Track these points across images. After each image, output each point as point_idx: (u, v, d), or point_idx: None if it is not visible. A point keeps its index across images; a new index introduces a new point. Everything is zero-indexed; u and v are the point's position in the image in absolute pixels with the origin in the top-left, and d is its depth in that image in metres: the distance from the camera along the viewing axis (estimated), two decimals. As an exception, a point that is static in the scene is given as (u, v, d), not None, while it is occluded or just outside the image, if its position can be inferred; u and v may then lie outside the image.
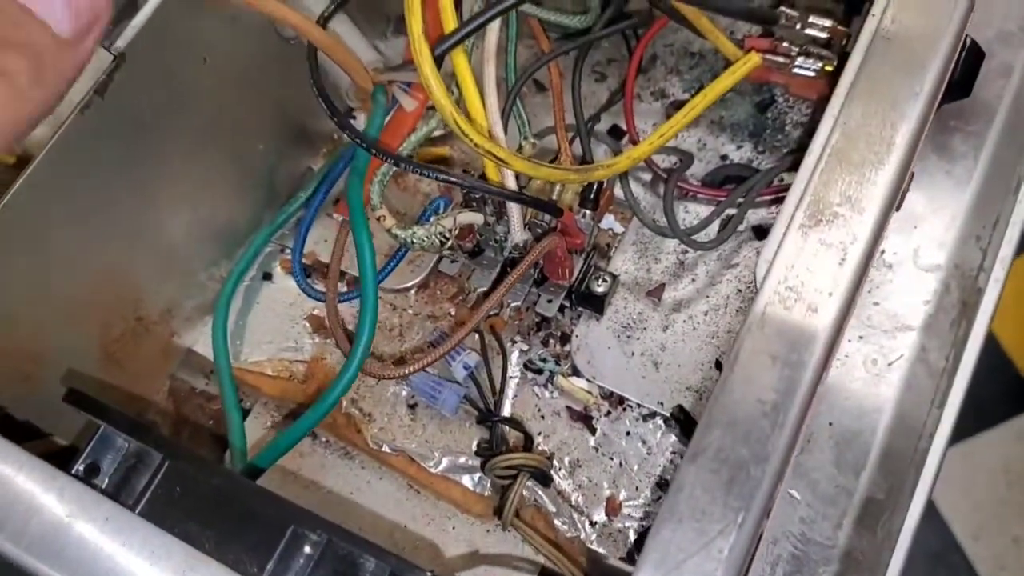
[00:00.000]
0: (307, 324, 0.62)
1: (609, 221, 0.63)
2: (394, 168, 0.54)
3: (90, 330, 0.55)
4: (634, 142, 0.61)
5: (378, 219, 0.54)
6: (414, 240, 0.54)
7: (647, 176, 0.63)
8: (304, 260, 0.63)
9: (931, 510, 1.44)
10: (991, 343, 1.49)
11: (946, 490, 1.44)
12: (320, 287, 0.60)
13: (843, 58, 0.57)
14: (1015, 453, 1.47)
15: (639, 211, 0.59)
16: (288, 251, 0.64)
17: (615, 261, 0.61)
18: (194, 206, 0.59)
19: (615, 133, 0.65)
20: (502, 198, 0.54)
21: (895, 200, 0.41)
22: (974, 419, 1.50)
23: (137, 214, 0.55)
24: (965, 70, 0.55)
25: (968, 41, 0.55)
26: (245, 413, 0.61)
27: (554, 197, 0.58)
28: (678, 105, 0.65)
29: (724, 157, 0.64)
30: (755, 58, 0.58)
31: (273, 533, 0.39)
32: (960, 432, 1.54)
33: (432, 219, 0.55)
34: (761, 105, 0.65)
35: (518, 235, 0.55)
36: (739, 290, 0.59)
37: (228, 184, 0.61)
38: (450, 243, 0.55)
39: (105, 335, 0.56)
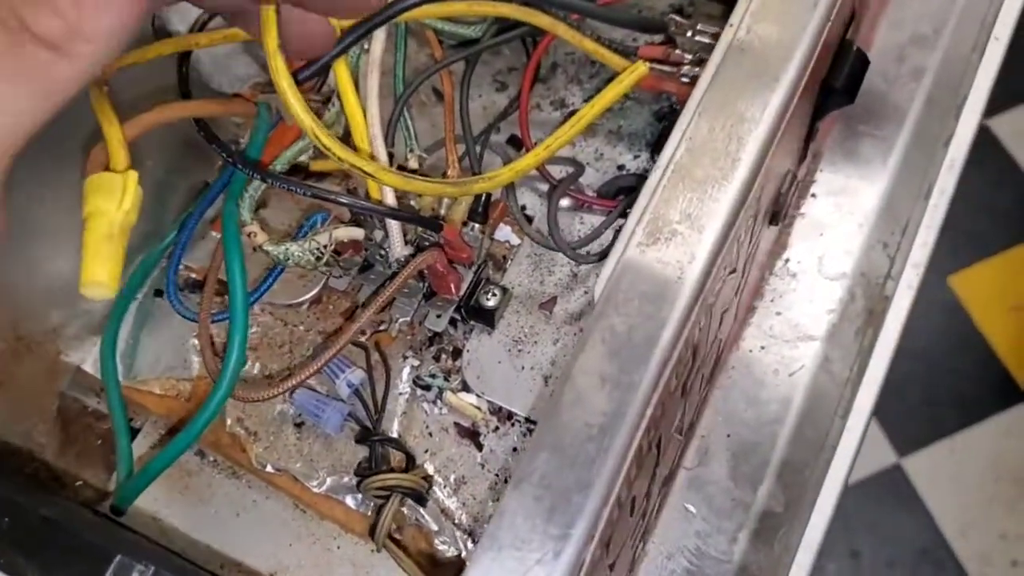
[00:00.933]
0: (195, 342, 0.61)
1: (505, 232, 0.62)
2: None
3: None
4: (526, 145, 0.60)
5: (248, 235, 0.53)
6: (288, 257, 0.53)
7: (545, 186, 0.62)
8: (195, 275, 0.63)
9: (918, 506, 1.43)
10: (977, 338, 1.49)
11: (933, 486, 1.44)
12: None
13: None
14: (1003, 449, 1.47)
15: (524, 224, 0.58)
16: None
17: (510, 273, 0.60)
18: (75, 227, 0.58)
19: (514, 143, 0.65)
20: (377, 215, 0.53)
21: (736, 217, 0.40)
22: (961, 415, 1.49)
23: (15, 237, 0.54)
24: (849, 77, 0.54)
25: (853, 48, 0.55)
26: (135, 432, 0.61)
27: (443, 211, 0.57)
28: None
29: (621, 167, 0.63)
30: (642, 68, 0.57)
31: (100, 563, 0.38)
32: (947, 428, 1.55)
33: (308, 235, 0.54)
34: (659, 114, 0.64)
35: (399, 251, 0.55)
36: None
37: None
38: (326, 259, 0.54)
39: (-21, 358, 0.55)
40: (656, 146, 0.63)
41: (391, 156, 0.57)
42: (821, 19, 0.44)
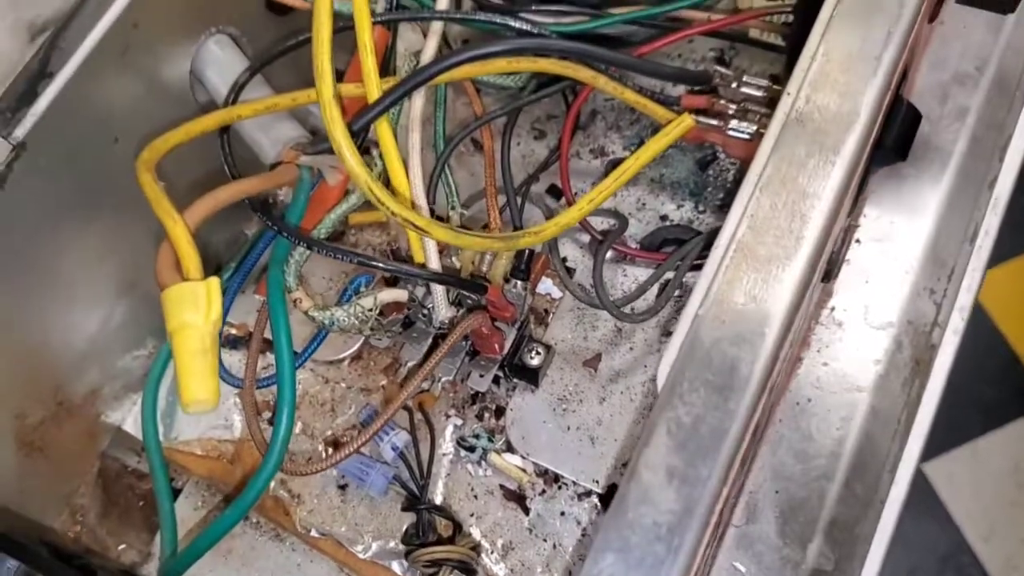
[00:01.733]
0: (237, 401, 0.61)
1: (547, 285, 0.61)
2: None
3: (2, 423, 0.53)
4: (571, 204, 0.59)
5: (294, 302, 0.52)
6: (333, 322, 0.52)
7: (586, 237, 0.62)
8: (235, 332, 0.62)
9: (941, 512, 1.42)
10: (999, 342, 1.47)
11: (955, 492, 1.43)
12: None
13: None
14: (1025, 453, 1.45)
15: (567, 280, 0.57)
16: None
17: (552, 328, 0.59)
18: (115, 289, 0.57)
19: (554, 192, 0.64)
20: (420, 279, 0.52)
21: (803, 297, 0.39)
22: (982, 420, 1.48)
23: (51, 302, 0.53)
24: (900, 134, 0.53)
25: (904, 103, 0.54)
26: (176, 492, 0.60)
27: (484, 268, 0.57)
28: (617, 163, 0.63)
29: (664, 217, 0.62)
30: (688, 120, 0.56)
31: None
32: (969, 433, 1.53)
33: (352, 299, 0.53)
34: (702, 162, 0.63)
35: (443, 313, 0.54)
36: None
37: (151, 260, 0.59)
38: (371, 323, 0.53)
39: (21, 425, 0.54)
40: (699, 196, 0.62)
41: (432, 213, 0.56)
42: (881, 87, 0.43)
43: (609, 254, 0.61)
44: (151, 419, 0.57)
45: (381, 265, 0.50)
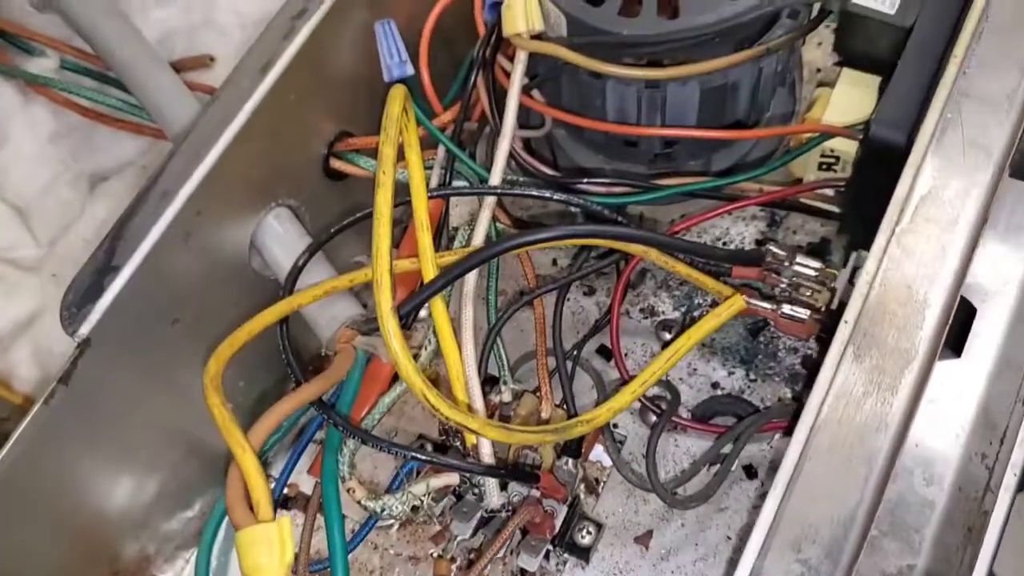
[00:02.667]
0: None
1: (598, 452, 0.61)
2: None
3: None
4: (621, 369, 0.60)
5: (348, 491, 0.52)
6: (385, 510, 0.53)
7: (635, 403, 0.62)
8: (285, 491, 0.63)
9: None
10: None
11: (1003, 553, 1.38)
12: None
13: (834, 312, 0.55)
14: None
15: (619, 464, 0.57)
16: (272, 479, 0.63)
17: (603, 500, 0.59)
18: (171, 456, 0.58)
19: (603, 353, 0.64)
20: (475, 474, 0.52)
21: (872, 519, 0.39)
22: None
23: (112, 482, 0.54)
24: (954, 331, 0.52)
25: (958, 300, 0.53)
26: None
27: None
28: (666, 325, 0.63)
29: (715, 385, 0.62)
30: (739, 303, 0.56)
31: None
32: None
33: (403, 485, 0.53)
34: (753, 329, 0.63)
35: (495, 501, 0.54)
36: (728, 537, 0.57)
37: (208, 426, 0.60)
38: (425, 510, 0.53)
39: (78, 596, 0.55)
40: (750, 364, 0.62)
41: (485, 388, 0.57)
42: (938, 323, 0.43)
43: (654, 419, 0.61)
44: (204, 580, 0.58)
45: (434, 460, 0.50)
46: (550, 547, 0.57)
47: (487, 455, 0.53)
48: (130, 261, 0.51)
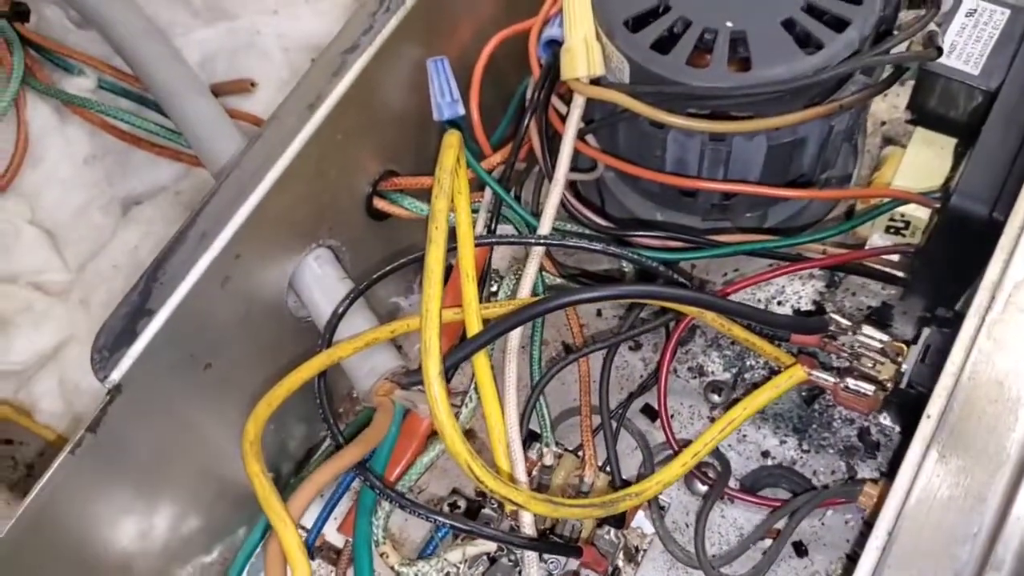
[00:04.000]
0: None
1: (639, 518, 0.58)
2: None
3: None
4: (666, 435, 0.57)
5: (381, 555, 0.50)
6: (419, 576, 0.50)
7: (681, 467, 0.59)
8: (317, 543, 0.60)
9: None
10: None
11: None
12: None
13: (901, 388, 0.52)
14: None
15: (666, 539, 0.54)
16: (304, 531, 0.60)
17: (643, 569, 0.56)
18: (197, 501, 0.55)
19: (648, 413, 0.61)
20: (516, 547, 0.50)
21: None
22: None
23: (135, 530, 0.51)
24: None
25: None
26: None
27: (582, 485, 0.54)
28: (716, 387, 0.61)
29: (765, 454, 0.59)
30: (799, 373, 0.53)
31: None
32: None
33: (438, 550, 0.51)
34: (808, 397, 0.60)
35: (533, 574, 0.51)
36: (776, 619, 0.54)
37: (232, 468, 0.58)
38: (460, 578, 0.51)
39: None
40: (803, 433, 0.59)
41: (525, 443, 0.54)
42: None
43: (701, 487, 0.58)
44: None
45: (474, 530, 0.48)
46: (587, 618, 0.55)
47: (528, 525, 0.50)
48: (165, 305, 0.49)
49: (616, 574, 0.55)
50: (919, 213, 0.56)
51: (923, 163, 0.57)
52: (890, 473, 0.54)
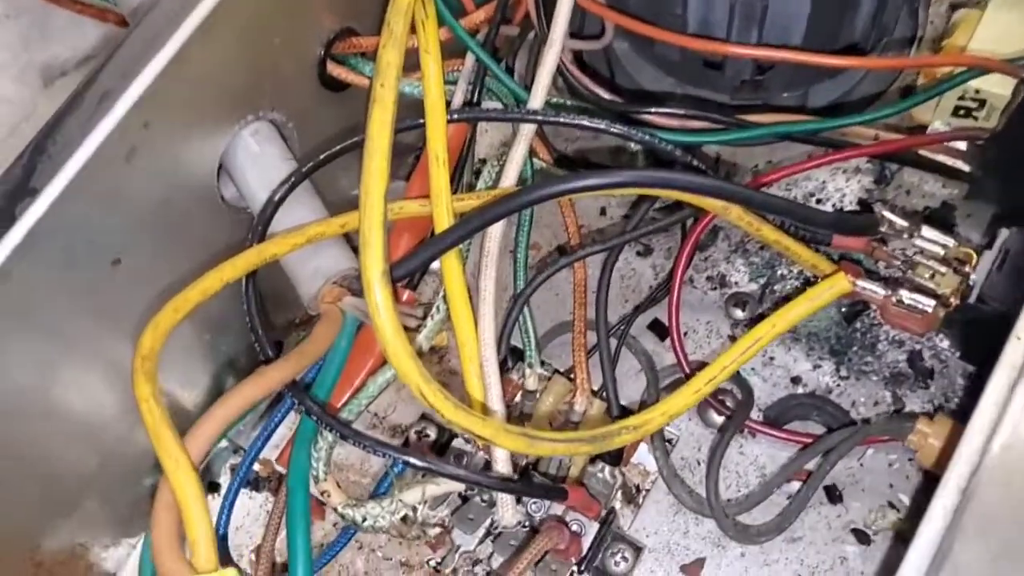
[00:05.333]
0: (253, 558, 0.50)
1: (642, 453, 0.49)
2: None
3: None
4: (677, 355, 0.47)
5: (321, 494, 0.41)
6: (367, 520, 0.41)
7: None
8: (257, 469, 0.51)
9: None
10: None
11: None
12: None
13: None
14: None
15: (671, 481, 0.45)
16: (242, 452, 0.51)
17: (644, 513, 0.47)
18: (112, 424, 0.46)
19: (657, 329, 0.51)
20: (483, 487, 0.41)
21: None
22: None
23: (31, 444, 0.43)
24: None
25: None
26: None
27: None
28: (739, 300, 0.51)
29: (796, 380, 0.49)
30: (843, 283, 0.43)
31: None
32: None
33: (393, 490, 0.42)
34: (849, 314, 0.50)
35: (509, 518, 0.42)
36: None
37: (167, 376, 0.49)
38: (418, 523, 0.42)
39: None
40: (842, 356, 0.49)
41: (503, 364, 0.45)
42: None
43: (717, 418, 0.48)
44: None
45: (433, 468, 0.39)
46: (575, 570, 0.46)
47: (501, 462, 0.41)
48: (54, 182, 0.39)
49: (611, 518, 0.46)
50: (998, 88, 0.45)
51: (1005, 26, 0.46)
52: (961, 413, 0.44)
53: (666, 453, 0.46)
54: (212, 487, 0.52)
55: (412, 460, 0.38)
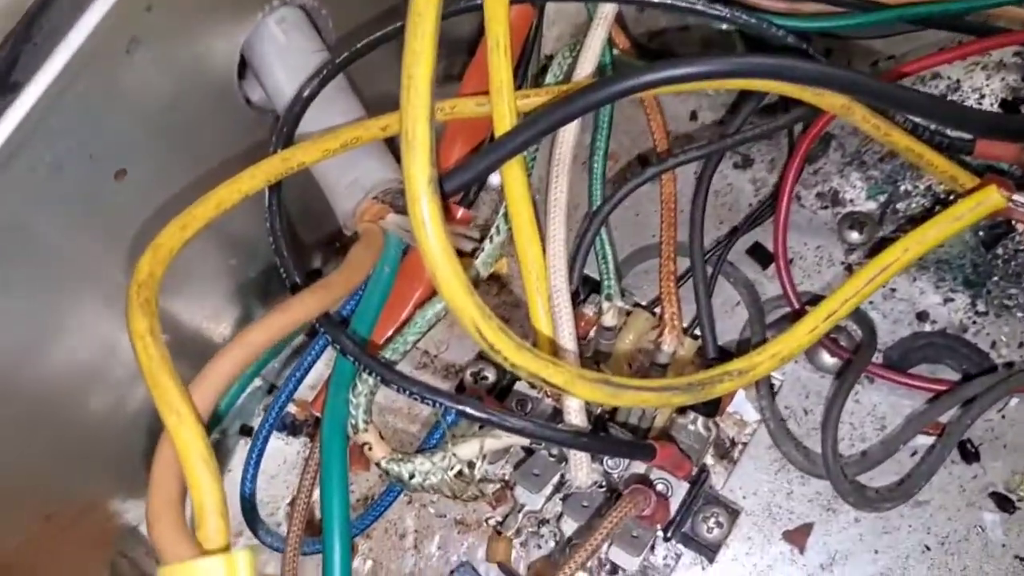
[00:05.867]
0: (289, 510, 0.45)
1: (739, 400, 0.42)
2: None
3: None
4: (784, 286, 0.40)
5: (362, 447, 0.35)
6: (416, 477, 0.35)
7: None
8: (293, 411, 0.46)
9: None
10: None
11: None
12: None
13: None
14: None
15: (780, 438, 0.38)
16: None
17: (740, 470, 0.41)
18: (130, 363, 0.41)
19: (758, 255, 0.44)
20: (557, 444, 0.34)
21: None
22: None
23: (39, 382, 0.37)
24: None
25: None
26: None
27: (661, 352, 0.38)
28: (855, 221, 0.43)
29: (922, 316, 0.41)
30: (995, 198, 0.35)
31: None
32: None
33: (445, 442, 0.35)
34: (989, 238, 0.41)
35: (583, 478, 0.36)
36: (926, 547, 0.38)
37: (190, 307, 0.43)
38: (475, 482, 0.35)
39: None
40: (978, 288, 0.41)
41: (575, 296, 0.38)
42: None
43: (830, 360, 0.41)
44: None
45: (494, 420, 0.32)
46: (660, 535, 0.39)
47: (575, 413, 0.35)
48: (38, 77, 0.32)
49: (703, 477, 0.39)
50: None
51: None
52: None
53: (773, 402, 0.38)
54: (245, 430, 0.47)
55: (468, 410, 0.32)
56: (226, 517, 0.25)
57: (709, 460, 0.40)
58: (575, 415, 0.34)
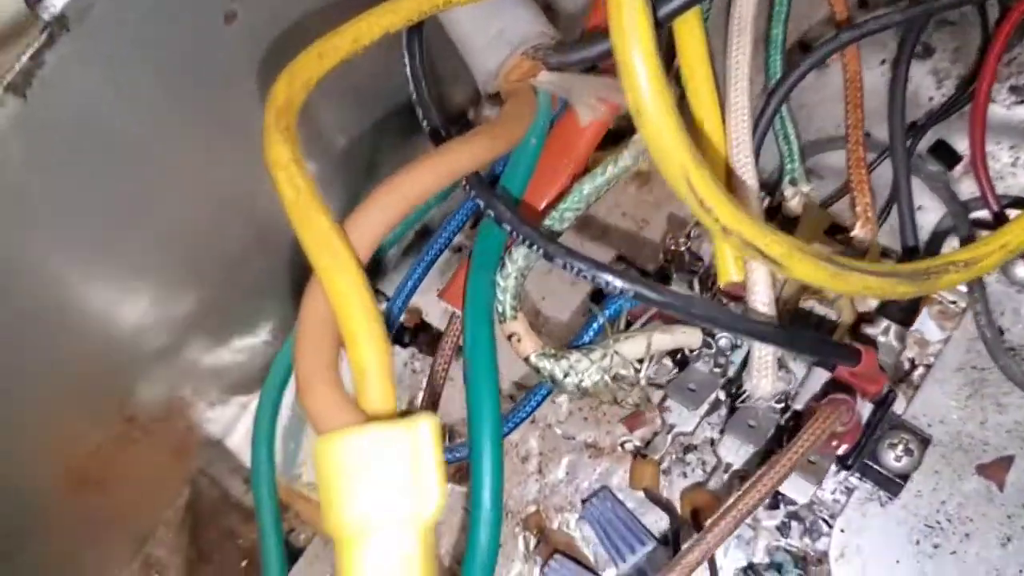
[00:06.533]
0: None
1: (921, 318, 0.36)
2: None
3: (44, 454, 0.34)
4: (980, 182, 0.34)
5: (509, 338, 0.29)
6: (571, 375, 0.30)
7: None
8: (403, 320, 0.40)
9: None
10: None
11: None
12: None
13: None
14: None
15: (997, 350, 0.32)
16: (384, 300, 0.40)
17: (924, 395, 0.35)
18: (220, 250, 0.36)
19: (941, 153, 0.38)
20: (750, 336, 0.28)
21: None
22: None
23: (118, 283, 0.32)
24: None
25: None
26: (295, 553, 0.40)
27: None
28: (1065, 116, 0.37)
29: None
30: None
31: None
32: None
33: (605, 338, 0.30)
34: None
35: (766, 387, 0.30)
36: None
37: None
38: (639, 385, 0.30)
39: (71, 453, 0.34)
40: None
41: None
42: None
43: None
44: (266, 443, 0.36)
45: (675, 304, 0.26)
46: (835, 466, 0.34)
47: (764, 302, 0.29)
48: None
49: (891, 398, 0.33)
50: None
51: None
52: None
53: (988, 308, 0.33)
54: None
55: (648, 292, 0.26)
56: (392, 379, 0.20)
57: (895, 395, 0.35)
58: (763, 303, 0.29)
